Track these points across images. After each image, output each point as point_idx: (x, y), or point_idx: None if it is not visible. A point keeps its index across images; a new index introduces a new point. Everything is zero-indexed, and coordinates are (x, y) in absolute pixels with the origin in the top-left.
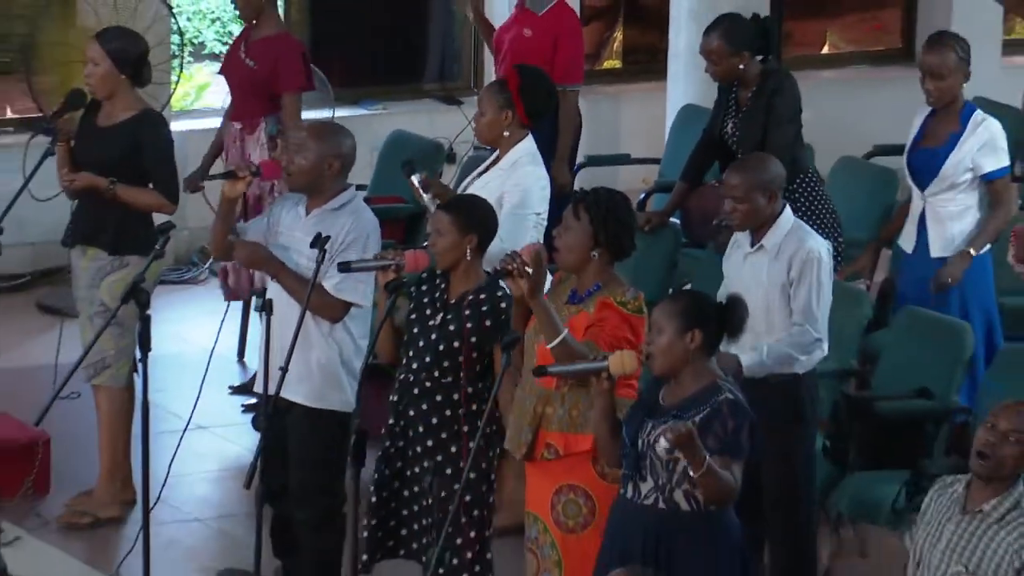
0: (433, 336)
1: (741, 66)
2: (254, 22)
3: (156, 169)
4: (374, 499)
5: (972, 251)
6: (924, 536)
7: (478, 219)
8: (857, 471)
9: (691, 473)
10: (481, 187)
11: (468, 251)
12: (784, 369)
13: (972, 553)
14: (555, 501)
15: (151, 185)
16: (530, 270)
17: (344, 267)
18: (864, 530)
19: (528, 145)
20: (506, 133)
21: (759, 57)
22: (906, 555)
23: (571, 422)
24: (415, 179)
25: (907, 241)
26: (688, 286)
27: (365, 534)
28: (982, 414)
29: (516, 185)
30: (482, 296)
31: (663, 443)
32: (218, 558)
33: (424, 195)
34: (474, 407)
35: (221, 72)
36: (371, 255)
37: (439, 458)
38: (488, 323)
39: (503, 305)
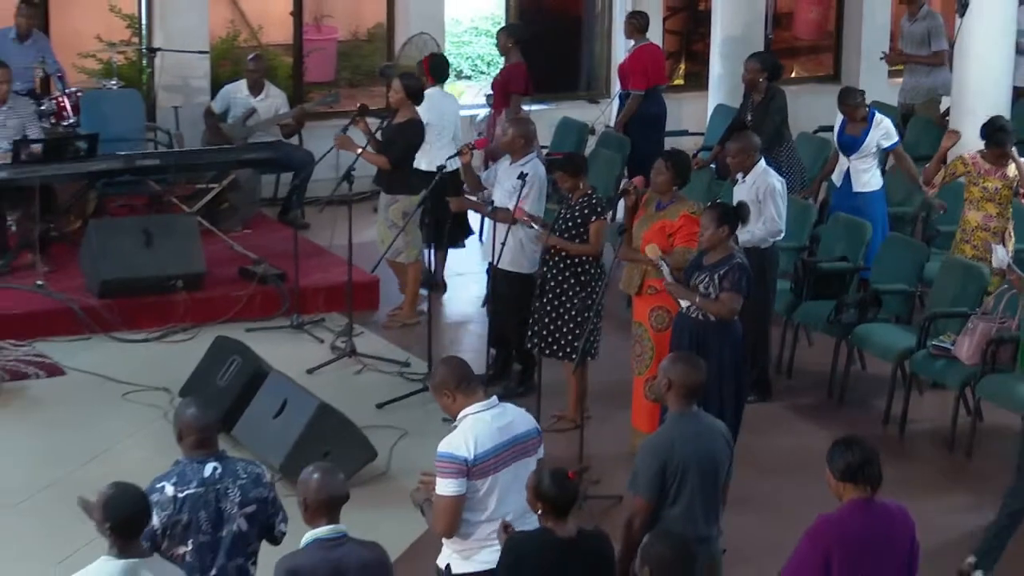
0: (560, 221)
1: (760, 79)
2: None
3: (391, 147)
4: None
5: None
6: None
7: (578, 165)
8: (807, 301)
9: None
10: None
11: (581, 183)
12: (759, 244)
13: None
14: (651, 315)
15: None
16: (637, 191)
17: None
18: (809, 332)
19: (431, 91)
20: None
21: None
22: (831, 344)
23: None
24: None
25: (836, 179)
26: (718, 200)
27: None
28: (876, 270)
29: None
30: (583, 199)
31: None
32: (465, 343)
33: None
34: (584, 258)
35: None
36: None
37: (564, 286)
38: (586, 211)
39: (593, 201)
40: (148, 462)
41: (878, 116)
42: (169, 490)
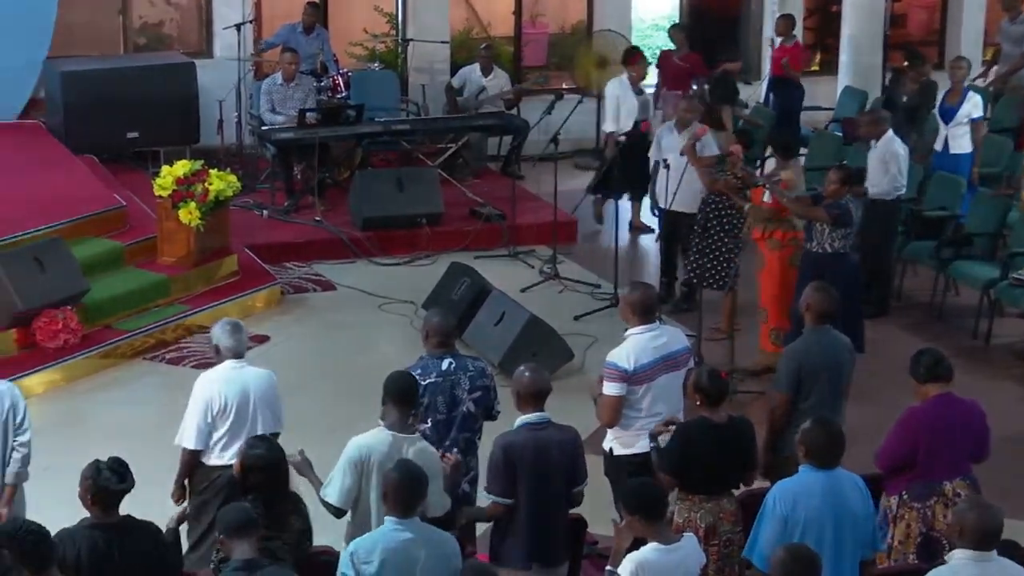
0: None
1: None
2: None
3: None
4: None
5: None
6: None
7: (750, 138)
8: (914, 241)
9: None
10: None
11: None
12: (885, 197)
13: None
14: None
15: None
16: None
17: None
18: (916, 266)
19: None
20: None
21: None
22: (932, 276)
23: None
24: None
25: (938, 146)
26: (844, 162)
27: None
28: (969, 217)
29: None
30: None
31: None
32: (643, 271)
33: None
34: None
35: (658, 66)
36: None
37: (716, 228)
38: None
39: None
40: (397, 357)
41: (972, 93)
42: None
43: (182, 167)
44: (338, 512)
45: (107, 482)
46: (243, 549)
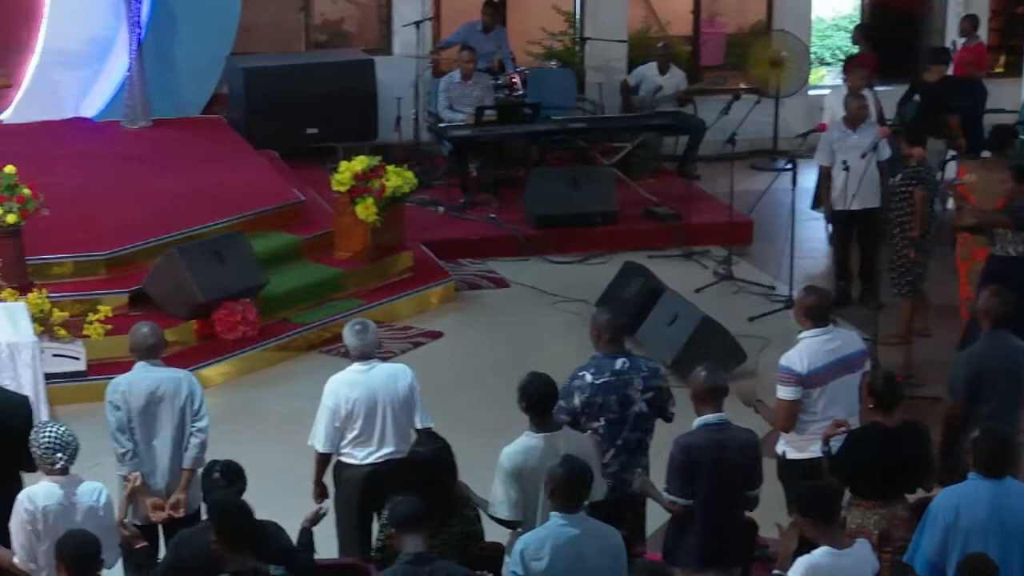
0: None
1: None
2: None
3: None
4: None
5: None
6: None
7: (917, 137)
8: None
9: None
10: None
11: (915, 152)
12: None
13: None
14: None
15: None
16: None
17: None
18: None
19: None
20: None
21: None
22: None
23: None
24: None
25: None
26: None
27: None
28: None
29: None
30: (914, 168)
31: None
32: (817, 273)
33: None
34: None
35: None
36: None
37: (897, 233)
38: (914, 180)
39: (921, 172)
40: (570, 356)
41: None
42: (588, 377)
43: (360, 163)
44: (512, 524)
45: (215, 484)
46: (414, 543)
